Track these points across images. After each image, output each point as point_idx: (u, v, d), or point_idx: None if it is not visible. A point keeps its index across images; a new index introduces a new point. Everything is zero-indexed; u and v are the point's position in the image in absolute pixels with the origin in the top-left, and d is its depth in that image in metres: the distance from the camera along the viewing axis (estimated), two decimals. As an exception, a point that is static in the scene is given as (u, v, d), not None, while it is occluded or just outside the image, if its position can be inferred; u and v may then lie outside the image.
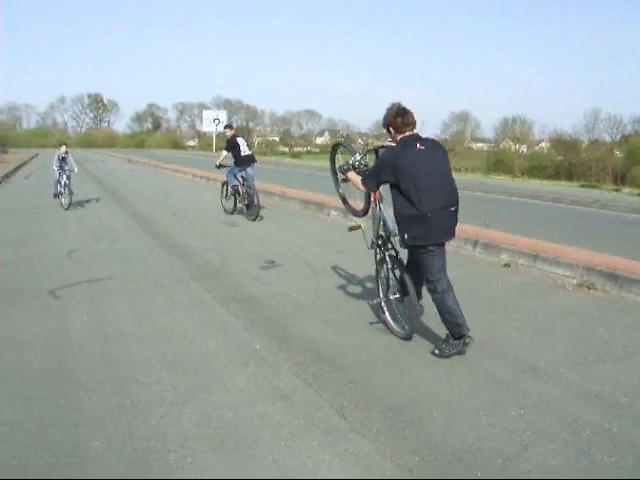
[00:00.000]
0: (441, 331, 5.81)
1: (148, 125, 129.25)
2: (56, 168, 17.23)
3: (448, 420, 4.35)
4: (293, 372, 5.19)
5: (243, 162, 15.14)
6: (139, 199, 19.28)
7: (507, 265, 9.44)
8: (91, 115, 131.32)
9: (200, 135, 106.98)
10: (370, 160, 6.38)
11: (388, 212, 6.18)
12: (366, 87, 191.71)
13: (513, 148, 67.34)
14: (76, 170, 17.88)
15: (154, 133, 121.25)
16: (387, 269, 6.30)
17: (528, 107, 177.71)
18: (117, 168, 40.49)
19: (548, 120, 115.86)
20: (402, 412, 4.46)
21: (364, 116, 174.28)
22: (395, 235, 5.95)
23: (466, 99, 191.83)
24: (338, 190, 7.19)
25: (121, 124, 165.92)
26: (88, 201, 18.27)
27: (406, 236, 5.54)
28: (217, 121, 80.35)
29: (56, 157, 17.51)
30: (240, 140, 15.35)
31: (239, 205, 15.60)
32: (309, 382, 4.99)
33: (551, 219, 15.85)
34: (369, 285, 7.93)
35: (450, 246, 10.81)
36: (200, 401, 4.63)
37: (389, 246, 6.30)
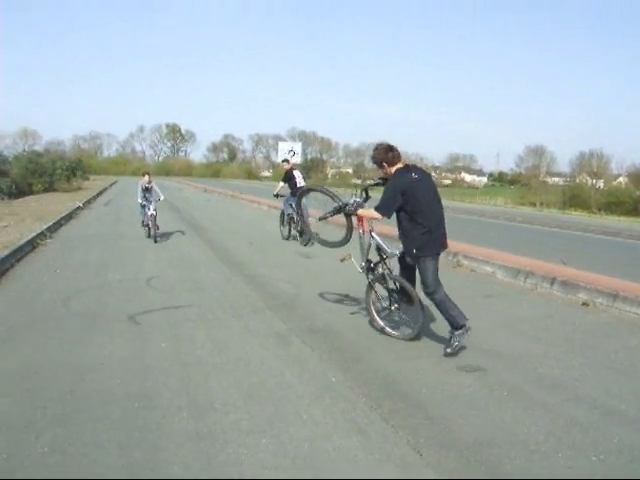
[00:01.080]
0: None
1: (224, 155, 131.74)
2: (140, 200, 16.43)
3: (525, 461, 4.28)
4: (369, 407, 5.18)
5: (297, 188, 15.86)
6: (216, 228, 19.63)
7: (585, 304, 9.27)
8: (169, 144, 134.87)
9: (274, 166, 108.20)
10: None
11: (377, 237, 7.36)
12: (440, 119, 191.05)
13: (590, 183, 66.03)
14: (162, 198, 16.75)
15: (229, 163, 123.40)
16: (382, 287, 7.38)
17: (605, 141, 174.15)
18: (193, 197, 41.33)
19: (626, 154, 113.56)
20: (478, 451, 4.41)
21: (439, 148, 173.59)
22: (393, 255, 7.18)
23: (542, 132, 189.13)
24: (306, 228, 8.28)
25: (198, 154, 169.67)
26: (166, 229, 18.61)
27: (414, 250, 6.71)
28: (292, 152, 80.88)
29: (140, 188, 16.59)
30: (296, 173, 16.56)
31: (293, 232, 16.82)
32: (385, 417, 4.97)
33: (630, 258, 15.46)
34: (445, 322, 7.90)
35: (527, 284, 10.77)
36: (277, 431, 4.66)
37: (385, 266, 7.35)
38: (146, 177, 16.72)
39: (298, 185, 16.07)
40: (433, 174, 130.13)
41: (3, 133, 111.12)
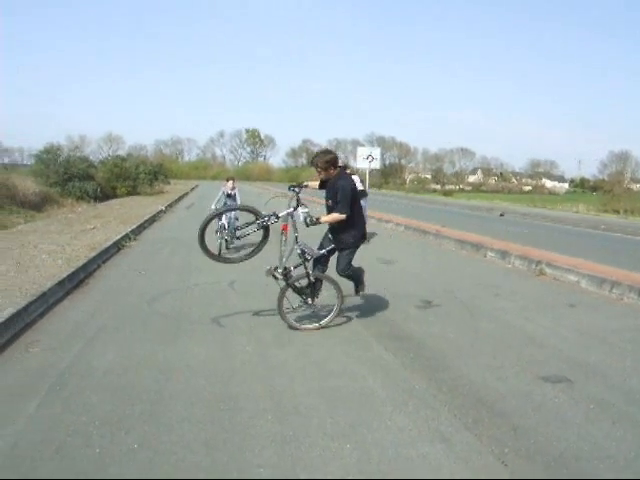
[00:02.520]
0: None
1: (302, 160, 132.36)
2: (214, 207, 14.56)
3: (615, 477, 4.18)
4: (453, 415, 5.14)
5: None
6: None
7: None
8: (248, 149, 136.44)
9: (353, 171, 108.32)
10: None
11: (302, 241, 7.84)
12: (521, 124, 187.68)
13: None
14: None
15: (308, 168, 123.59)
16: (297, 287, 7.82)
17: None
18: (272, 202, 41.54)
19: None
20: (565, 464, 4.33)
21: (519, 154, 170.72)
22: (318, 255, 7.87)
23: (626, 138, 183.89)
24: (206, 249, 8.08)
25: (277, 159, 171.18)
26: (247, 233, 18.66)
27: (352, 240, 7.71)
28: (370, 158, 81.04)
29: (221, 194, 15.51)
30: (355, 177, 16.28)
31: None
32: (469, 426, 4.93)
33: None
34: (530, 329, 7.78)
35: (612, 293, 10.51)
36: (360, 437, 4.67)
37: (307, 265, 7.79)
38: (230, 183, 15.98)
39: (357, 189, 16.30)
40: (513, 180, 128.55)
41: (89, 138, 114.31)
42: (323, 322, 7.76)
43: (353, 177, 16.76)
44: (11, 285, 8.88)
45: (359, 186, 16.31)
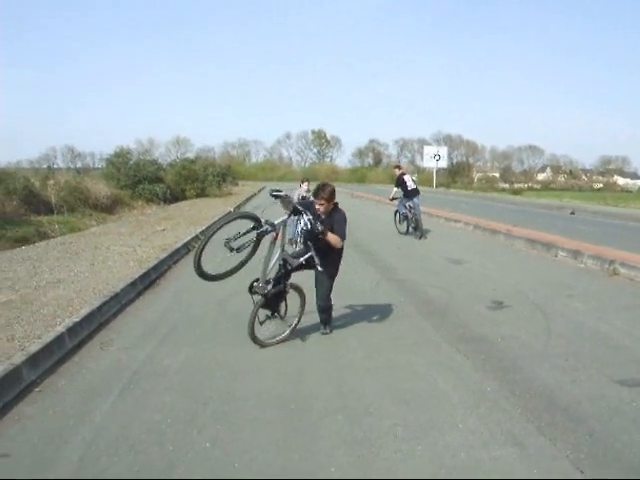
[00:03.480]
0: None
1: (369, 160, 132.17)
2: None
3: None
4: (526, 418, 5.04)
5: (410, 194, 18.41)
6: (363, 233, 19.60)
7: None
8: (314, 150, 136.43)
9: (419, 170, 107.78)
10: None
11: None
12: (592, 120, 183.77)
13: None
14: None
15: (375, 168, 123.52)
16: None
17: None
18: (341, 202, 41.60)
19: None
20: (644, 472, 4.21)
21: (589, 151, 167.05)
22: (297, 264, 7.23)
23: None
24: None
25: (343, 159, 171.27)
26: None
27: (335, 270, 7.49)
28: (437, 156, 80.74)
29: (296, 197, 13.95)
30: (407, 177, 18.73)
31: (410, 229, 18.68)
32: (543, 430, 4.82)
33: None
34: (604, 330, 7.60)
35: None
36: (432, 439, 4.63)
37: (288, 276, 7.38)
38: (305, 185, 15.25)
39: (409, 188, 18.34)
40: (583, 177, 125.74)
41: (157, 142, 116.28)
42: (290, 329, 7.49)
43: (405, 177, 18.45)
44: (85, 286, 9.10)
45: (411, 185, 18.14)
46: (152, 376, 5.94)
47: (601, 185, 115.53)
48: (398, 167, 20.01)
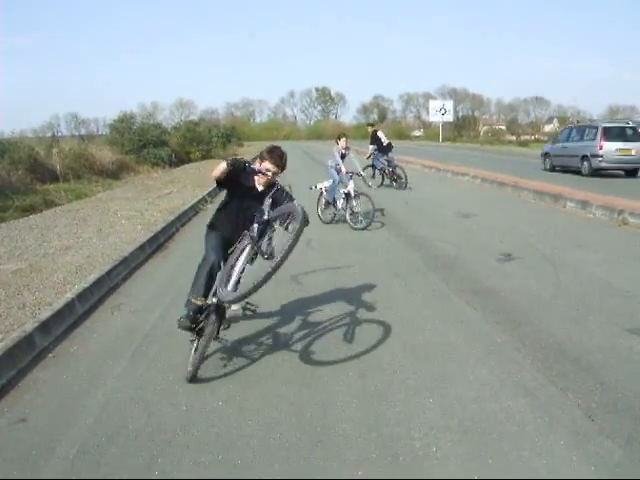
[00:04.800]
0: None
1: (374, 116, 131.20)
2: (334, 170, 12.77)
3: None
4: (536, 369, 5.05)
5: (385, 149, 19.66)
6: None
7: None
8: (319, 108, 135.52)
9: (425, 125, 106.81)
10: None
11: None
12: (599, 71, 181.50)
13: None
14: (361, 172, 13.09)
15: (380, 124, 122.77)
16: None
17: None
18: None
19: None
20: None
21: (597, 101, 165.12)
22: None
23: None
24: None
25: (348, 116, 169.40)
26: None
27: None
28: (443, 110, 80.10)
29: (336, 154, 13.09)
30: (380, 133, 19.91)
31: (386, 181, 19.93)
32: (553, 380, 4.84)
33: None
34: (614, 280, 7.59)
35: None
36: (443, 391, 4.66)
37: None
38: (343, 141, 13.47)
39: (384, 144, 19.53)
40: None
41: (161, 105, 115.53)
42: None
43: (379, 133, 19.68)
44: (94, 252, 9.12)
45: (385, 140, 19.72)
46: (163, 338, 5.99)
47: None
48: (371, 125, 21.69)
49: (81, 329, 6.36)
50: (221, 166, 4.98)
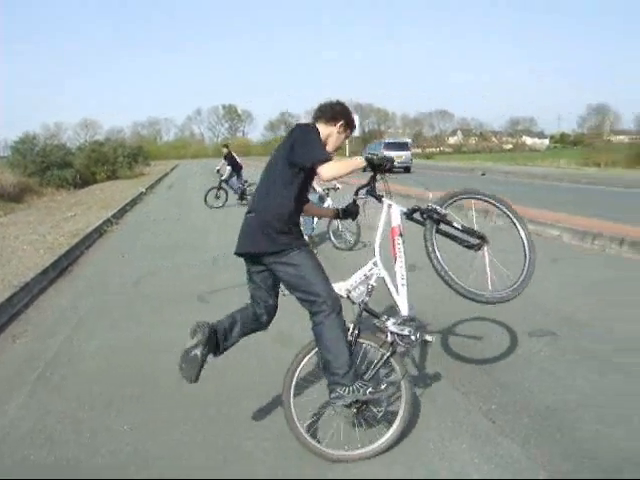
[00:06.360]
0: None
1: (282, 132, 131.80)
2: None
3: (601, 426, 4.22)
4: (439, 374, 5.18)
5: (239, 169, 20.66)
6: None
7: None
8: (226, 125, 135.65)
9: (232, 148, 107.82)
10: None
11: None
12: (498, 83, 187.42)
13: (659, 137, 63.47)
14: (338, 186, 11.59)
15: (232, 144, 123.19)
16: None
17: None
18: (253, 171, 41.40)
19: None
20: (552, 416, 4.38)
21: (498, 113, 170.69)
22: None
23: (604, 91, 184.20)
24: None
25: (256, 133, 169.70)
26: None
27: None
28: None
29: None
30: (234, 154, 21.09)
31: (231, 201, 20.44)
32: (455, 384, 4.98)
33: None
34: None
35: (595, 245, 10.59)
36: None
37: None
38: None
39: (240, 163, 20.83)
40: (494, 139, 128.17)
41: (65, 125, 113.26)
42: None
43: (233, 153, 20.90)
44: (-7, 278, 8.85)
45: (239, 161, 20.90)
46: (67, 364, 5.84)
47: (511, 146, 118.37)
48: (226, 146, 21.97)
49: (-20, 361, 6.17)
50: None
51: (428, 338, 4.05)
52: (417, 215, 4.31)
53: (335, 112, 4.31)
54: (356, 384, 3.78)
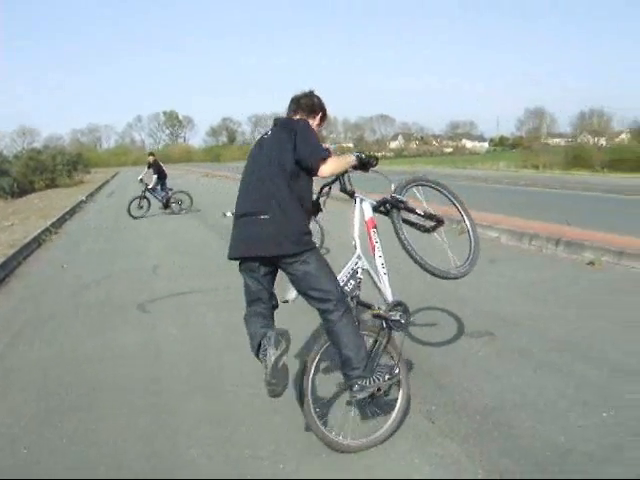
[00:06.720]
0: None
1: (223, 139, 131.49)
2: None
3: (537, 423, 4.30)
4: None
5: (164, 177, 20.87)
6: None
7: (591, 263, 9.26)
8: (167, 132, 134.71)
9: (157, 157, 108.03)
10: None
11: None
12: (437, 86, 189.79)
13: (592, 142, 65.09)
14: None
15: (230, 146, 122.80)
16: None
17: (607, 100, 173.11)
18: (192, 183, 41.11)
19: (628, 111, 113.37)
20: (490, 415, 4.45)
21: (438, 117, 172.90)
22: None
23: (542, 94, 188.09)
24: None
25: (197, 139, 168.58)
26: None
27: None
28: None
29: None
30: (160, 163, 21.19)
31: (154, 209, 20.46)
32: (397, 387, 5.03)
33: (635, 214, 15.36)
34: (451, 286, 7.91)
35: (532, 246, 10.80)
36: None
37: None
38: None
39: (165, 172, 20.99)
40: (434, 143, 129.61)
41: (1, 133, 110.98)
42: None
43: (159, 162, 20.96)
44: None
45: (164, 169, 20.94)
46: (2, 378, 5.72)
47: (451, 149, 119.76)
48: (152, 154, 22.01)
49: None
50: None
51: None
52: (382, 207, 4.49)
53: (314, 105, 4.35)
54: (375, 375, 4.01)
